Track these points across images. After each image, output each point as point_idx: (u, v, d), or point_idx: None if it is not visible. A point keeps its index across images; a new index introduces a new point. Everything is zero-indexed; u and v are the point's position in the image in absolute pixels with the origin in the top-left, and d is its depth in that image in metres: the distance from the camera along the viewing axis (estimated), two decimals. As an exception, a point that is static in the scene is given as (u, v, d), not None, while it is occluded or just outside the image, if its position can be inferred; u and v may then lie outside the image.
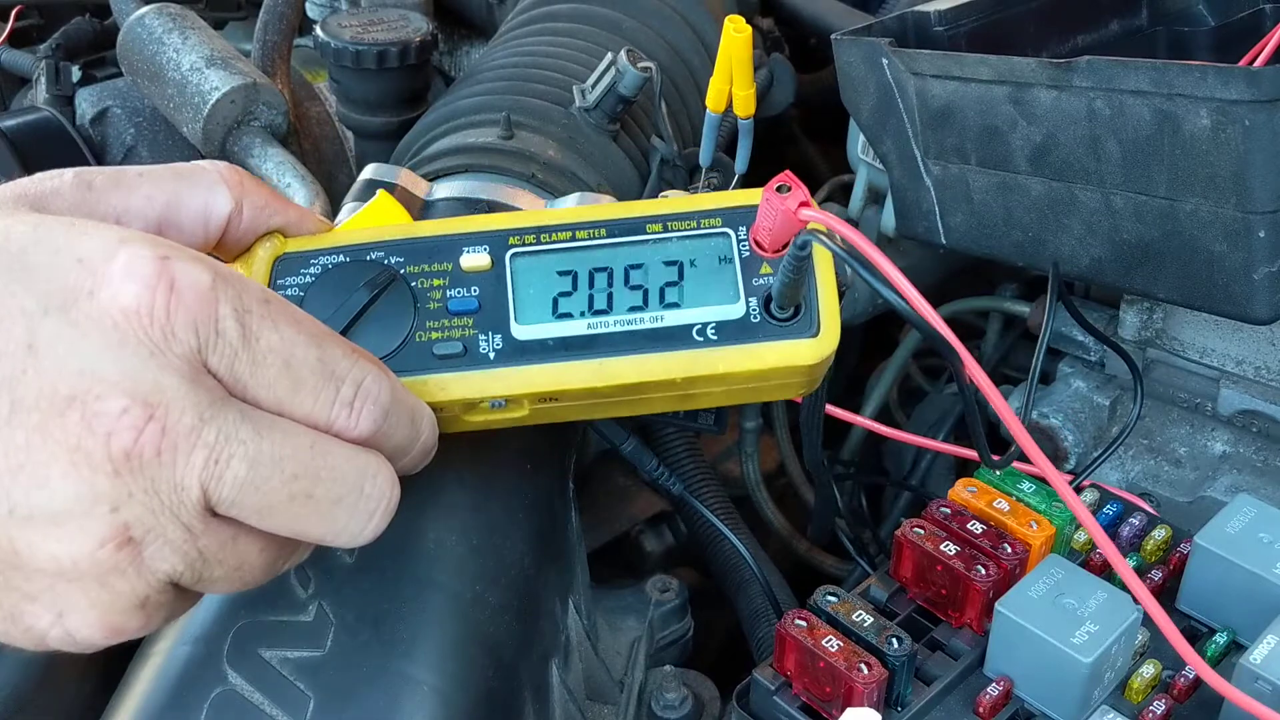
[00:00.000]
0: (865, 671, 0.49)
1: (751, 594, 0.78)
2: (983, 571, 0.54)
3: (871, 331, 1.10)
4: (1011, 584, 0.53)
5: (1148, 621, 0.55)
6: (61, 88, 1.02)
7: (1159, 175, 0.61)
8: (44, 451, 0.38)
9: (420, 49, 0.91)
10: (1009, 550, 0.54)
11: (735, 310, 0.50)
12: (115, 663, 0.54)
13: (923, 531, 0.56)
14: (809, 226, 0.46)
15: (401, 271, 0.50)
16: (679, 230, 0.51)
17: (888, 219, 0.88)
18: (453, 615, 0.54)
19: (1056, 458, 0.79)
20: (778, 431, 1.00)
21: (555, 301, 0.50)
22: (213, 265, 0.41)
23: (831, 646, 0.50)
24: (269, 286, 0.49)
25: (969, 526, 0.56)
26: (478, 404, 0.50)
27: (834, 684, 0.50)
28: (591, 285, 0.50)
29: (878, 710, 0.49)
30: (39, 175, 0.45)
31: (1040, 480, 0.60)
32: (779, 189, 0.46)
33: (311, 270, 0.50)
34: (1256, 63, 0.69)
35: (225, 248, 0.50)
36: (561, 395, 0.50)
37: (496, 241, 0.51)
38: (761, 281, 0.50)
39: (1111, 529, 0.61)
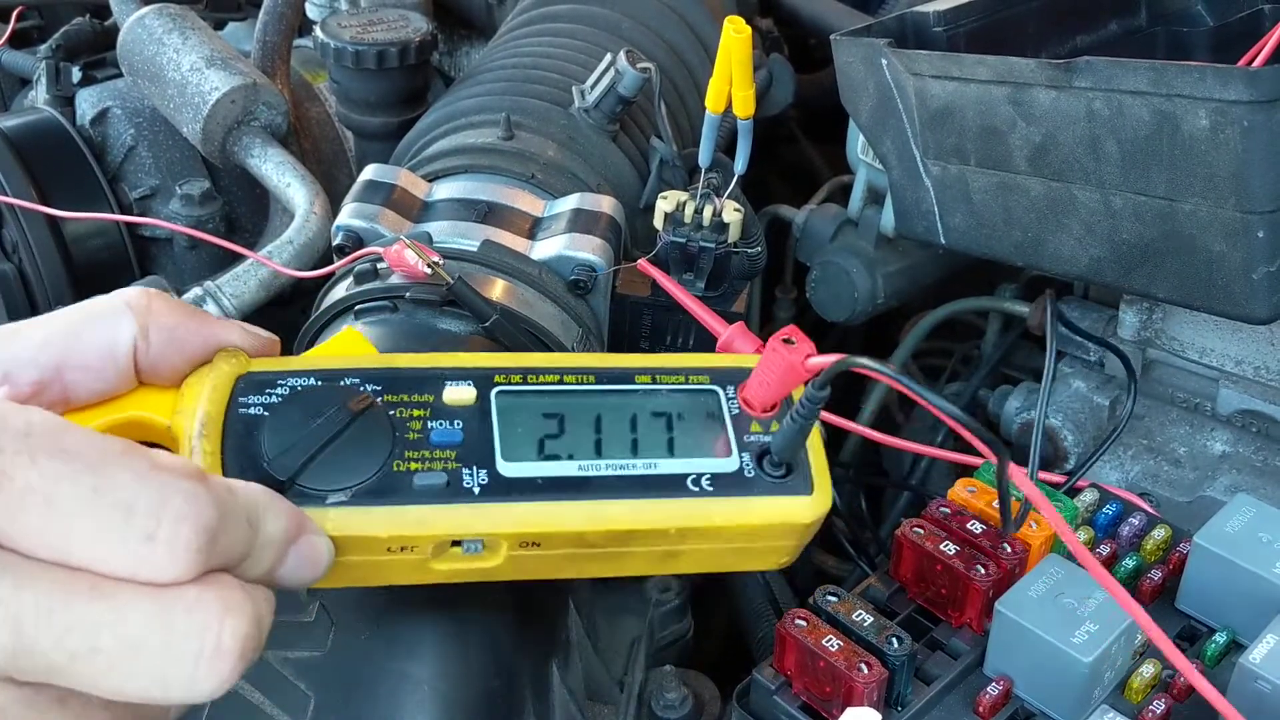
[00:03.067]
0: (865, 671, 0.49)
1: (751, 594, 0.79)
2: (982, 571, 0.54)
3: (871, 331, 1.10)
4: (1011, 583, 0.53)
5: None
6: (62, 88, 1.02)
7: (1158, 175, 0.61)
8: None
9: (420, 49, 0.91)
10: (1008, 550, 0.55)
11: (729, 464, 0.48)
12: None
13: (922, 531, 0.56)
14: (849, 360, 0.44)
15: (379, 400, 0.46)
16: (667, 383, 0.50)
17: (887, 219, 0.88)
18: (452, 615, 0.54)
19: (1056, 457, 0.79)
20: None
21: (541, 443, 0.47)
22: None
23: (831, 646, 0.50)
24: (229, 403, 0.45)
25: (969, 526, 0.56)
26: (453, 544, 0.46)
27: (834, 684, 0.50)
28: (579, 429, 0.48)
29: (878, 710, 0.49)
30: None
31: (1039, 481, 0.60)
32: (785, 340, 0.47)
33: (279, 391, 0.46)
34: (1255, 63, 0.69)
35: (152, 374, 0.45)
36: (547, 540, 0.46)
37: (481, 378, 0.48)
38: (752, 439, 0.49)
39: (1111, 529, 0.61)
